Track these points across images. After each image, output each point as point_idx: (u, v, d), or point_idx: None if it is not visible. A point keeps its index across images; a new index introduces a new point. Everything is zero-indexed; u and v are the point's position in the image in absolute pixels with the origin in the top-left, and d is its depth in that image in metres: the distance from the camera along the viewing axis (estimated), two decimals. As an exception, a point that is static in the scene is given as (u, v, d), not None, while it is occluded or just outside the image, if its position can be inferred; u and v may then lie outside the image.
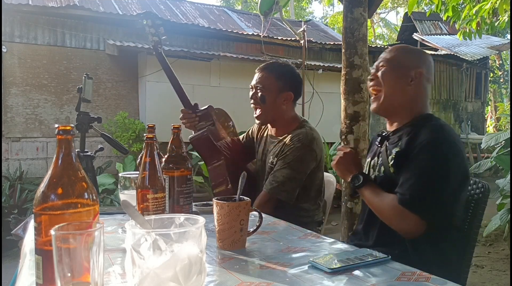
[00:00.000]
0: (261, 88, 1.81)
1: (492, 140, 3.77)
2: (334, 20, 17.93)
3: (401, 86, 1.36)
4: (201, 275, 0.70)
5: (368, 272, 0.89)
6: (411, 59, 1.39)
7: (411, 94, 1.36)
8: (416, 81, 1.35)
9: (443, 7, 4.39)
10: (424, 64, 1.39)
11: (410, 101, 1.36)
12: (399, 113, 1.38)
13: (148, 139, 1.09)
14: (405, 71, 1.36)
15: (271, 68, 1.87)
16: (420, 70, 1.36)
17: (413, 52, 1.42)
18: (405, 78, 1.35)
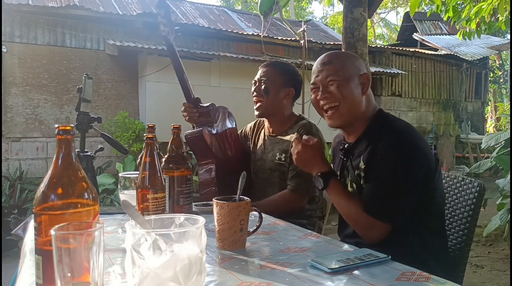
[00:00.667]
0: (265, 81, 1.87)
1: (492, 140, 3.78)
2: (334, 20, 17.93)
3: (358, 95, 1.32)
4: (201, 275, 0.70)
5: (368, 272, 0.89)
6: (353, 65, 1.34)
7: (364, 101, 1.34)
8: (366, 86, 1.34)
9: (443, 8, 4.39)
10: (362, 67, 1.36)
11: (365, 107, 1.34)
12: (357, 121, 1.35)
13: (148, 139, 1.09)
14: (355, 79, 1.33)
15: (275, 64, 1.96)
16: (365, 73, 1.34)
17: (347, 57, 1.39)
18: (358, 86, 1.33)
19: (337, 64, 1.34)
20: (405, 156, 1.21)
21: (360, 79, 1.33)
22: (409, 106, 9.17)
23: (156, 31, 6.69)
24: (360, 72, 1.34)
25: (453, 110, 9.95)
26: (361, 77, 1.34)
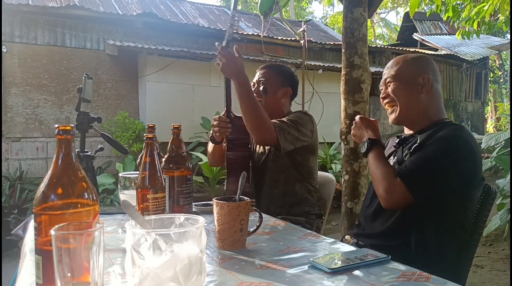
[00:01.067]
0: (264, 81, 1.94)
1: (492, 140, 3.77)
2: (334, 20, 17.94)
3: (414, 96, 1.40)
4: (201, 275, 0.70)
5: (368, 272, 0.89)
6: (415, 67, 1.43)
7: (424, 101, 1.40)
8: (426, 87, 1.39)
9: (443, 7, 4.39)
10: (429, 68, 1.42)
11: (425, 107, 1.41)
12: (416, 120, 1.43)
13: (148, 139, 1.09)
14: (413, 80, 1.40)
15: (272, 66, 2.03)
16: (426, 75, 1.40)
17: (414, 60, 1.46)
18: (415, 87, 1.40)
19: (399, 67, 1.45)
20: (456, 150, 1.24)
21: (420, 79, 1.39)
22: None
23: (156, 31, 6.65)
24: (423, 73, 1.40)
25: (453, 110, 9.95)
26: (423, 78, 1.39)
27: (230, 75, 1.68)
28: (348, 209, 2.85)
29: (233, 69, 1.65)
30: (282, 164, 1.88)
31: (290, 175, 1.89)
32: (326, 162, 5.95)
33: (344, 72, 2.89)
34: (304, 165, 1.90)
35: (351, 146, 2.85)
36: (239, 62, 1.65)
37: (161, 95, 5.94)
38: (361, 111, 2.83)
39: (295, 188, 1.89)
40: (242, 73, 1.66)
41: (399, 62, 1.46)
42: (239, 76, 1.65)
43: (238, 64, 1.65)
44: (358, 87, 2.83)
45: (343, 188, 2.92)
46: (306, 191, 1.91)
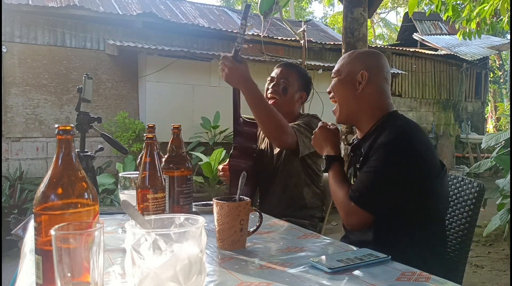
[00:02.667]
0: (285, 81, 1.90)
1: (492, 140, 3.77)
2: (334, 20, 17.93)
3: (351, 93, 1.37)
4: (201, 275, 0.70)
5: (368, 272, 0.89)
6: (355, 63, 1.38)
7: (364, 98, 1.35)
8: (364, 84, 1.34)
9: (443, 7, 4.39)
10: (370, 65, 1.37)
11: (366, 105, 1.36)
12: (360, 119, 1.38)
13: (148, 139, 1.09)
14: (351, 77, 1.37)
15: (295, 67, 2.00)
16: (364, 72, 1.35)
17: (358, 56, 1.41)
18: (352, 84, 1.36)
19: (341, 62, 1.42)
20: (397, 153, 1.22)
21: (358, 76, 1.35)
22: (409, 106, 9.18)
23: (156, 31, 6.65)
24: (361, 70, 1.35)
25: (453, 110, 9.95)
26: (360, 75, 1.35)
27: (237, 84, 1.61)
28: (348, 209, 2.85)
29: (239, 78, 1.58)
30: (293, 168, 1.86)
31: (299, 180, 1.87)
32: (326, 162, 5.94)
33: (344, 72, 2.89)
34: (313, 168, 1.89)
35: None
36: (244, 69, 1.58)
37: (161, 95, 5.93)
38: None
39: (303, 193, 1.88)
40: (250, 80, 1.58)
41: (344, 57, 1.43)
42: (247, 84, 1.58)
43: (243, 71, 1.57)
44: (358, 87, 2.82)
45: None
46: (312, 195, 1.91)
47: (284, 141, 1.65)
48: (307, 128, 1.75)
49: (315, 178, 1.92)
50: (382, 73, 1.38)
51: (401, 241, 1.22)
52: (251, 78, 1.59)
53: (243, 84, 1.58)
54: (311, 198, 1.90)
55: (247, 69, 1.60)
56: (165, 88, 5.97)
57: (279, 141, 1.67)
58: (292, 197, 1.87)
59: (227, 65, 1.57)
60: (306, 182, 1.89)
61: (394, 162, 1.21)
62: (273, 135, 1.65)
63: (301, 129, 1.73)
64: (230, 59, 1.57)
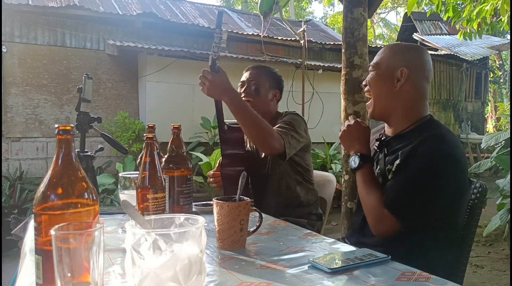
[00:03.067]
0: (255, 82, 1.91)
1: (492, 140, 3.77)
2: (334, 20, 17.94)
3: (387, 90, 1.31)
4: (201, 275, 0.70)
5: (368, 272, 0.89)
6: (395, 58, 1.31)
7: (401, 96, 1.30)
8: (402, 82, 1.29)
9: (443, 8, 4.39)
10: (411, 61, 1.30)
11: (402, 104, 1.31)
12: (393, 117, 1.33)
13: (148, 139, 1.09)
14: (390, 72, 1.30)
15: (261, 67, 2.01)
16: (404, 69, 1.28)
17: (399, 50, 1.34)
18: (390, 81, 1.30)
19: (381, 55, 1.35)
20: (440, 165, 1.18)
21: (398, 73, 1.29)
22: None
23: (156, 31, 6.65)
24: (402, 66, 1.29)
25: (453, 110, 9.95)
26: (400, 72, 1.29)
27: (220, 95, 1.58)
28: (348, 209, 2.85)
29: (221, 89, 1.56)
30: (281, 170, 1.85)
31: (290, 180, 1.87)
32: (326, 162, 5.94)
33: (344, 72, 2.89)
34: (301, 164, 1.89)
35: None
36: (224, 79, 1.56)
37: (161, 95, 5.93)
38: (361, 111, 2.83)
39: (296, 192, 1.88)
40: (231, 89, 1.57)
41: (386, 49, 1.36)
42: (230, 94, 1.56)
43: (223, 81, 1.56)
44: (358, 87, 2.82)
45: (343, 188, 2.92)
46: (306, 192, 1.91)
47: (272, 147, 1.62)
48: (291, 127, 1.75)
49: (305, 174, 1.91)
50: (424, 71, 1.31)
51: (406, 242, 1.21)
52: (232, 87, 1.56)
53: (226, 94, 1.55)
54: (305, 195, 1.90)
55: (227, 78, 1.57)
56: (165, 88, 5.97)
57: (266, 147, 1.64)
58: (287, 198, 1.87)
59: (207, 78, 1.55)
60: (298, 180, 1.88)
61: (436, 174, 1.17)
62: (259, 141, 1.63)
63: (284, 130, 1.70)
64: (208, 72, 1.55)
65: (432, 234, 1.23)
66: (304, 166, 1.90)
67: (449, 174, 1.18)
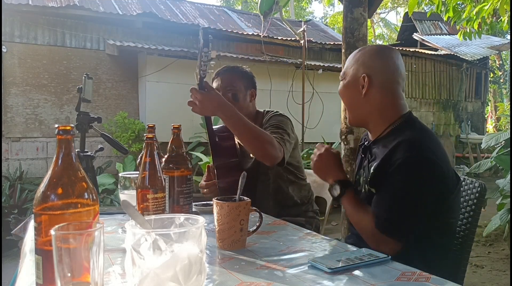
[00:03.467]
0: (230, 88, 1.84)
1: (492, 140, 3.78)
2: (334, 20, 17.94)
3: (355, 98, 1.31)
4: (201, 275, 0.70)
5: (368, 272, 0.89)
6: (356, 66, 1.31)
7: (369, 102, 1.29)
8: (366, 89, 1.28)
9: (443, 8, 4.39)
10: (372, 67, 1.29)
11: (373, 109, 1.30)
12: (369, 122, 1.33)
13: (148, 139, 1.09)
14: (355, 81, 1.31)
15: (231, 70, 1.92)
16: (364, 75, 1.28)
17: (360, 57, 1.33)
18: (356, 88, 1.30)
19: (347, 64, 1.36)
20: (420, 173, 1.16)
21: (360, 79, 1.29)
22: (409, 106, 9.14)
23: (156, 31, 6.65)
24: (363, 72, 1.29)
25: (453, 110, 9.95)
26: (362, 78, 1.29)
27: (213, 113, 1.53)
28: (348, 209, 2.85)
29: (213, 106, 1.49)
30: (274, 173, 1.83)
31: (283, 182, 1.86)
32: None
33: (344, 72, 2.89)
34: (292, 163, 1.86)
35: (351, 146, 2.85)
36: (215, 95, 1.51)
37: (161, 95, 5.93)
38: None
39: (289, 192, 1.87)
40: (225, 104, 1.50)
41: (350, 57, 1.35)
42: (224, 110, 1.49)
43: (215, 98, 1.49)
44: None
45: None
46: (299, 190, 1.90)
47: (274, 157, 1.57)
48: (283, 131, 1.72)
49: (297, 172, 1.90)
50: (388, 74, 1.29)
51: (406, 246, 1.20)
52: (226, 102, 1.51)
53: (219, 110, 1.49)
54: (299, 193, 1.90)
55: (217, 93, 1.53)
56: (165, 88, 5.97)
57: (268, 158, 1.58)
58: (282, 199, 1.86)
59: (197, 98, 1.48)
60: (290, 180, 1.87)
61: (416, 182, 1.16)
62: (261, 153, 1.58)
63: (279, 136, 1.66)
64: (196, 91, 1.49)
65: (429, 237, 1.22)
66: (294, 164, 1.88)
67: (428, 179, 1.16)
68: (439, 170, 1.18)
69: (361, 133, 2.83)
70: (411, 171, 1.16)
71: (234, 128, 1.53)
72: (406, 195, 1.17)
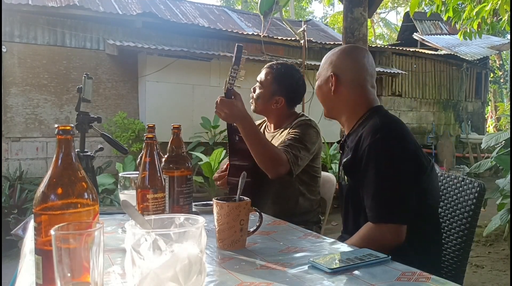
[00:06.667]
0: (260, 87, 1.93)
1: (492, 140, 3.77)
2: (334, 20, 17.93)
3: (327, 95, 1.42)
4: (201, 275, 0.70)
5: (368, 272, 0.89)
6: (326, 66, 1.42)
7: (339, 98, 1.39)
8: (334, 87, 1.38)
9: (443, 8, 4.39)
10: (339, 66, 1.39)
11: (343, 104, 1.40)
12: (341, 117, 1.43)
13: (148, 139, 1.09)
14: (325, 80, 1.41)
15: (274, 69, 1.95)
16: (331, 74, 1.38)
17: (329, 58, 1.44)
18: (327, 87, 1.41)
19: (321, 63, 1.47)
20: (389, 154, 1.20)
21: (329, 78, 1.39)
22: (409, 106, 9.18)
23: (156, 31, 6.64)
24: (330, 72, 1.39)
25: (453, 110, 9.95)
26: (330, 77, 1.39)
27: (235, 121, 1.64)
28: (348, 209, 2.85)
29: (236, 115, 1.60)
30: (286, 180, 1.82)
31: (294, 191, 1.86)
32: (326, 162, 5.94)
33: (344, 72, 2.89)
34: (309, 172, 1.86)
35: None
36: (241, 106, 1.60)
37: (161, 95, 5.93)
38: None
39: (298, 202, 1.87)
40: (246, 117, 1.61)
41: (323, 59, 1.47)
42: (243, 121, 1.61)
43: (239, 109, 1.60)
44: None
45: (343, 188, 2.92)
46: (309, 203, 1.89)
47: (278, 173, 1.68)
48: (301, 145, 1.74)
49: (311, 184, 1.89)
50: (354, 71, 1.38)
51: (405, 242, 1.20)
52: (245, 114, 1.61)
53: (241, 120, 1.61)
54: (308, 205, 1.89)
55: (243, 105, 1.62)
56: (165, 88, 5.97)
57: (272, 172, 1.68)
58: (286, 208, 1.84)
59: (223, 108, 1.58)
60: (301, 191, 1.86)
61: (391, 162, 1.19)
62: (266, 166, 1.66)
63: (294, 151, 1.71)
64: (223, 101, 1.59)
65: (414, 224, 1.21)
66: (311, 173, 1.87)
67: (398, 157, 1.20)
68: (407, 148, 1.22)
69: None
70: (380, 153, 1.21)
71: (247, 138, 1.64)
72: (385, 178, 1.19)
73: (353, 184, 1.31)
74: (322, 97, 1.45)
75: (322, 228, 1.98)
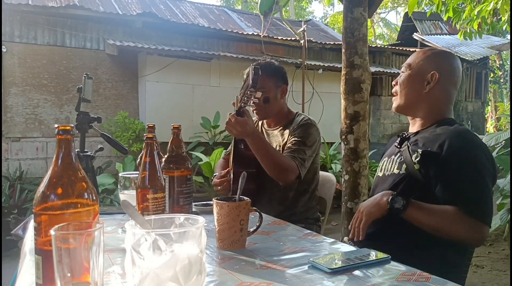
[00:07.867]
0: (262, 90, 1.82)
1: (492, 140, 3.77)
2: (334, 20, 17.93)
3: (417, 90, 1.39)
4: (201, 275, 0.70)
5: (368, 272, 0.89)
6: (428, 62, 1.40)
7: (429, 98, 1.38)
8: (432, 85, 1.37)
9: (443, 8, 4.39)
10: (443, 66, 1.39)
11: (428, 105, 1.39)
12: (418, 114, 1.41)
13: (148, 139, 1.09)
14: (421, 74, 1.39)
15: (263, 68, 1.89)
16: (435, 73, 1.36)
17: (432, 54, 1.42)
18: (421, 82, 1.38)
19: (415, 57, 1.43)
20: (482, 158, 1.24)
21: (428, 75, 1.37)
22: (409, 106, 9.17)
23: (156, 31, 6.63)
24: (434, 70, 1.37)
25: (453, 110, 9.93)
26: (431, 75, 1.37)
27: (246, 137, 1.68)
28: (348, 209, 2.85)
29: (248, 132, 1.65)
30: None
31: (297, 192, 1.89)
32: (326, 162, 5.94)
33: (344, 72, 2.89)
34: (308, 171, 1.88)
35: (351, 146, 2.85)
36: (251, 124, 1.64)
37: (161, 95, 5.93)
38: (361, 111, 2.83)
39: (300, 201, 1.90)
40: (256, 133, 1.69)
41: (419, 53, 1.44)
42: (254, 137, 1.67)
43: (250, 126, 1.64)
44: (358, 87, 2.82)
45: (343, 188, 2.92)
46: (309, 201, 1.93)
47: (289, 180, 1.75)
48: (304, 146, 1.79)
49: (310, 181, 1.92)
50: (453, 77, 1.40)
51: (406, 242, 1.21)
52: (255, 129, 1.68)
53: (251, 137, 1.67)
54: (308, 203, 1.92)
55: (252, 122, 1.66)
56: (165, 88, 5.97)
57: (282, 180, 1.75)
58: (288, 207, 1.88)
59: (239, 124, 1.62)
60: (304, 191, 1.90)
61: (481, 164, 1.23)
62: (276, 175, 1.73)
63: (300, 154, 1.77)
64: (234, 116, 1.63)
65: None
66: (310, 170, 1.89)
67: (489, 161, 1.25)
68: (490, 154, 1.27)
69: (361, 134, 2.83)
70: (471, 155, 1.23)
71: (257, 152, 1.69)
72: (477, 177, 1.22)
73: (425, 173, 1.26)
74: (408, 91, 1.41)
75: (322, 228, 1.98)
